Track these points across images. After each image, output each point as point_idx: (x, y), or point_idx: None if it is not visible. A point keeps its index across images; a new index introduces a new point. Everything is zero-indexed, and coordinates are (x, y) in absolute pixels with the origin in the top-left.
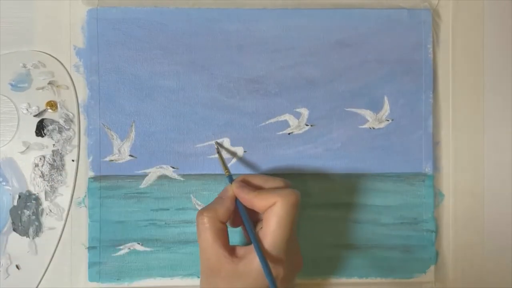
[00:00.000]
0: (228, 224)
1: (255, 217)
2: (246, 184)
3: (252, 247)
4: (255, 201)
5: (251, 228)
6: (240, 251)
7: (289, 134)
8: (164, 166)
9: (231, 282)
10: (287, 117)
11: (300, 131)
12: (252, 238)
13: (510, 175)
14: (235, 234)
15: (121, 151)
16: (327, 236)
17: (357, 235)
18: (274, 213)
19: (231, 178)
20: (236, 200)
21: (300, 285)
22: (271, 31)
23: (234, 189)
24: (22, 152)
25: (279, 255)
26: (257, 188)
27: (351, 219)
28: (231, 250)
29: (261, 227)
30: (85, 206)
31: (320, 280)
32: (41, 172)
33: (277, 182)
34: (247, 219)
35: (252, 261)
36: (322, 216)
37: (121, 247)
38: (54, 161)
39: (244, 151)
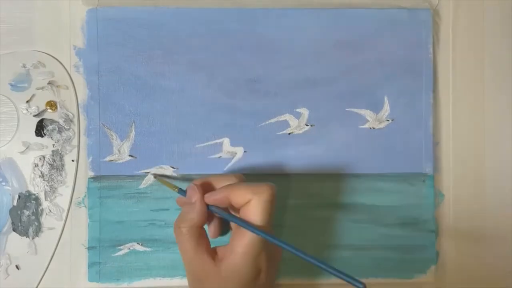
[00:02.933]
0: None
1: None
2: (205, 185)
3: (228, 246)
4: (231, 197)
5: (234, 216)
6: (220, 252)
7: (289, 134)
8: (164, 166)
9: (219, 286)
10: (287, 117)
11: (300, 131)
12: (240, 221)
13: (510, 175)
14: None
15: (121, 151)
16: (327, 236)
17: (357, 235)
18: (250, 211)
19: (182, 191)
20: (208, 205)
21: (300, 285)
22: (271, 31)
23: (207, 200)
24: (22, 152)
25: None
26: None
27: (352, 219)
28: (213, 254)
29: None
30: (85, 206)
31: (320, 280)
32: (41, 172)
33: (231, 178)
34: (228, 213)
35: (232, 260)
36: (322, 216)
37: (121, 247)
38: (54, 161)
39: (244, 151)
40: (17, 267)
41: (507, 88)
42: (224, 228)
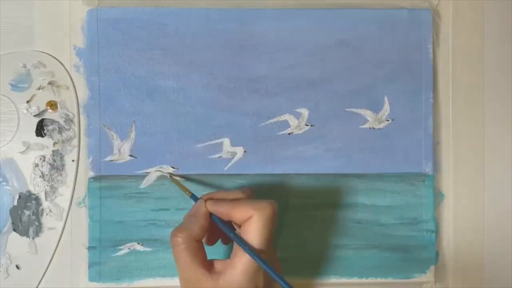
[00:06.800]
0: (203, 242)
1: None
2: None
3: (229, 261)
4: (232, 213)
5: (235, 235)
6: (218, 266)
7: (289, 134)
8: (164, 166)
9: None
10: (287, 117)
11: (300, 131)
12: (239, 242)
13: (510, 175)
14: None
15: (121, 151)
16: (327, 236)
17: (357, 235)
18: (251, 226)
19: (194, 197)
20: (211, 215)
21: (300, 285)
22: (271, 31)
23: (209, 206)
24: (22, 152)
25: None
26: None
27: (351, 219)
28: (209, 266)
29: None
30: (85, 206)
31: (320, 280)
32: (41, 172)
33: (237, 194)
34: (228, 228)
35: (231, 276)
36: (322, 216)
37: (121, 247)
38: (54, 161)
39: (244, 151)
40: (17, 267)
41: (507, 88)
42: (220, 238)
